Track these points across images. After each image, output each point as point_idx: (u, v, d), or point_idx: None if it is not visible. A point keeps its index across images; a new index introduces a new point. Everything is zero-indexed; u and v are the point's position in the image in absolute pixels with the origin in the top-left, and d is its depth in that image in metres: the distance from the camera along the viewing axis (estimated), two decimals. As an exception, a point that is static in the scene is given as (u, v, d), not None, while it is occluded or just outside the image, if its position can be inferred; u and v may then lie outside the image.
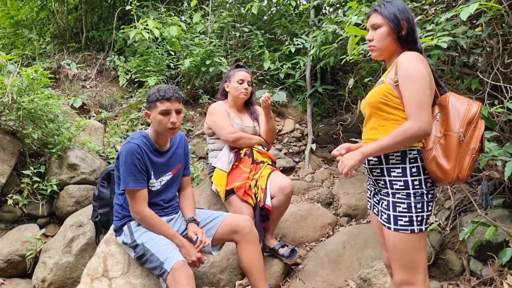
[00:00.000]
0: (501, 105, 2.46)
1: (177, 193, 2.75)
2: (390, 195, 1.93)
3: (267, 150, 3.33)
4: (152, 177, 2.49)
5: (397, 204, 1.90)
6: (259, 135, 3.31)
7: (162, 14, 5.47)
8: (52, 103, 3.62)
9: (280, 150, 4.98)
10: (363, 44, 3.10)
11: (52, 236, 3.34)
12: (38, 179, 3.45)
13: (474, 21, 2.98)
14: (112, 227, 2.67)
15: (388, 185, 1.93)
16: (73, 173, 3.57)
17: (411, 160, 1.88)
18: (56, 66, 5.43)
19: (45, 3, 6.14)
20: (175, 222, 2.63)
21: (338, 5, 5.55)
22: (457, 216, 3.23)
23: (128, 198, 2.42)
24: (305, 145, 5.08)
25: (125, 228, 2.49)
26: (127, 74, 5.34)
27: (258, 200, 3.03)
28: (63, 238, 3.06)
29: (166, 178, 2.58)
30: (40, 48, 6.03)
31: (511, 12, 2.71)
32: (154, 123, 2.44)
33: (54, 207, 3.54)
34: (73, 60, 5.58)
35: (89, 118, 4.76)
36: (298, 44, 5.17)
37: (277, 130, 5.19)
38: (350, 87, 4.09)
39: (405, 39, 1.94)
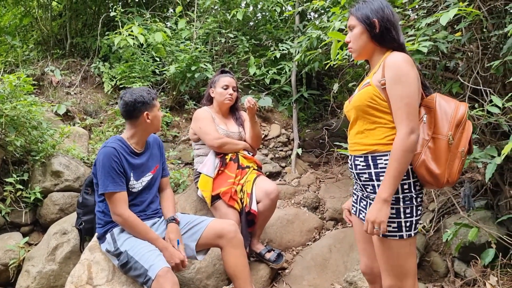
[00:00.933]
0: (482, 108, 2.51)
1: (158, 195, 2.75)
2: None
3: (253, 155, 3.34)
4: (132, 178, 2.50)
5: None
6: (245, 141, 3.32)
7: (147, 21, 5.47)
8: (35, 110, 3.58)
9: (266, 155, 5.00)
10: (347, 49, 3.13)
11: (35, 244, 3.30)
12: (21, 187, 3.40)
13: (455, 26, 3.04)
14: (95, 234, 2.64)
15: (377, 190, 1.84)
16: (57, 180, 3.53)
17: None
18: (40, 73, 5.37)
19: (29, 9, 6.10)
20: (158, 226, 2.62)
21: (322, 11, 5.62)
22: (441, 218, 3.27)
23: (108, 202, 2.41)
24: (291, 150, 5.10)
25: (108, 235, 2.47)
26: (112, 80, 5.31)
27: (244, 205, 3.03)
28: (46, 246, 3.02)
29: (146, 178, 2.60)
30: (23, 55, 5.97)
31: (490, 17, 2.78)
32: (151, 122, 2.53)
33: (38, 215, 3.49)
34: (57, 66, 5.53)
35: (74, 125, 4.71)
36: (283, 50, 5.20)
37: (263, 135, 5.20)
38: (335, 92, 4.13)
39: (380, 37, 1.90)
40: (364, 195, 1.98)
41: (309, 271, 3.22)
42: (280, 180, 4.64)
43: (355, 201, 2.10)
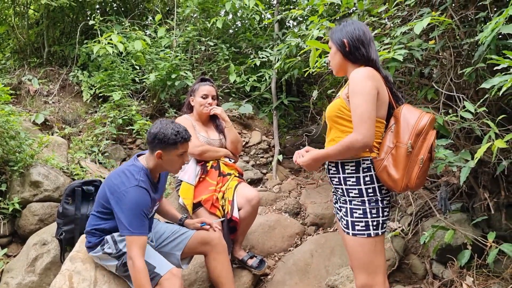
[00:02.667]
0: (455, 114, 2.58)
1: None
2: (348, 202, 2.04)
3: (234, 162, 3.36)
4: (149, 214, 2.46)
5: (353, 211, 2.02)
6: (226, 148, 3.34)
7: (126, 29, 5.45)
8: (13, 119, 3.53)
9: (247, 162, 5.02)
10: (325, 57, 3.20)
11: (14, 256, 3.24)
12: (-1, 198, 3.35)
13: (429, 34, 3.13)
14: (82, 244, 2.62)
15: (345, 193, 2.05)
16: (36, 190, 3.48)
17: (364, 170, 2.00)
18: (17, 82, 5.29)
19: (4, 17, 6.01)
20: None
21: (301, 19, 5.70)
22: (419, 221, 3.34)
23: (129, 243, 2.27)
24: (272, 156, 5.14)
25: (108, 238, 2.41)
26: (91, 89, 5.26)
27: (225, 212, 3.05)
28: (26, 257, 2.97)
29: (155, 208, 2.58)
30: (-1, 63, 5.89)
31: (462, 26, 2.87)
32: (164, 162, 2.38)
33: (16, 226, 3.44)
34: (35, 75, 5.46)
35: (52, 134, 4.66)
36: (263, 57, 5.25)
37: (244, 142, 5.23)
38: (314, 98, 4.19)
39: (350, 55, 2.08)
40: (337, 197, 2.17)
41: (291, 276, 3.25)
42: (261, 187, 4.67)
43: (335, 202, 2.26)
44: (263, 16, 6.27)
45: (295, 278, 3.22)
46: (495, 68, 2.13)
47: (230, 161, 3.30)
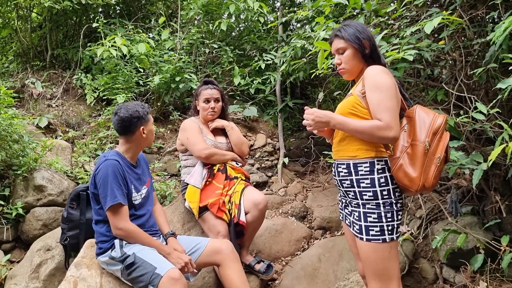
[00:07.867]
0: (466, 115, 2.54)
1: (152, 212, 2.74)
2: (361, 206, 1.98)
3: (242, 166, 3.31)
4: (133, 190, 2.51)
5: (367, 215, 1.95)
6: (233, 151, 3.29)
7: (129, 32, 5.43)
8: (17, 123, 3.50)
9: (252, 165, 4.98)
10: (332, 58, 3.16)
11: (17, 262, 3.20)
12: (2, 203, 3.31)
13: (437, 35, 3.08)
14: (87, 249, 2.59)
15: (358, 196, 1.99)
16: (40, 195, 3.44)
17: (379, 171, 1.95)
18: (20, 85, 5.27)
19: (7, 21, 5.99)
20: None
21: (305, 21, 5.67)
22: (429, 224, 3.29)
23: (111, 215, 2.38)
24: (277, 159, 5.09)
25: (116, 242, 2.43)
26: (95, 92, 5.24)
27: (232, 216, 3.00)
28: (30, 263, 2.93)
29: (144, 191, 2.62)
30: (2, 67, 5.86)
31: (472, 26, 2.83)
32: (146, 136, 2.56)
33: (20, 231, 3.40)
34: (38, 78, 5.43)
35: (56, 138, 4.62)
36: (267, 60, 5.22)
37: (249, 145, 5.19)
38: (320, 100, 4.15)
39: (369, 56, 2.05)
40: (347, 201, 2.10)
41: (299, 281, 3.19)
42: (267, 190, 4.62)
43: (341, 207, 2.21)
44: (266, 18, 6.24)
45: (303, 283, 3.17)
46: (510, 68, 2.09)
47: (237, 164, 3.25)
